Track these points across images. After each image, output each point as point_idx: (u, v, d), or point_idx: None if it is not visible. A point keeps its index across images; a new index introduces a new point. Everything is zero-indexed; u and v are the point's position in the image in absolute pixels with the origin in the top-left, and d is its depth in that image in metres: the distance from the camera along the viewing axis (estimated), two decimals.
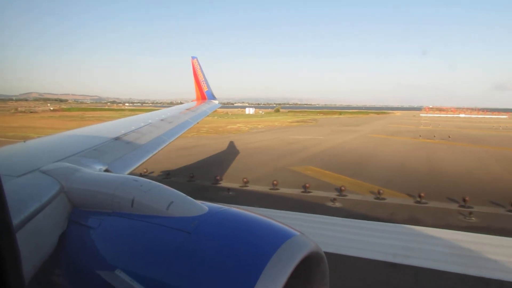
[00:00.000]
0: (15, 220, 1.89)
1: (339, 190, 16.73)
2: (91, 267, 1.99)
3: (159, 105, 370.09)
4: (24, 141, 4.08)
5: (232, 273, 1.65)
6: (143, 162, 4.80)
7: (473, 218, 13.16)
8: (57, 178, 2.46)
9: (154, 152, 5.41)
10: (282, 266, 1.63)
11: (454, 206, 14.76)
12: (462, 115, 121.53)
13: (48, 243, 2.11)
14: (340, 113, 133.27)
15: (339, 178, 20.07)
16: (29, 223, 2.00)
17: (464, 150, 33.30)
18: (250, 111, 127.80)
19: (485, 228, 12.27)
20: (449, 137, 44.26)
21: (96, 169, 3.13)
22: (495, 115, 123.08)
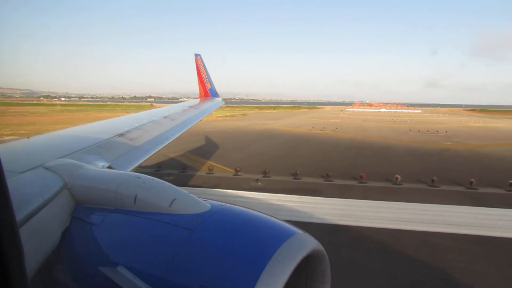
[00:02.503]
0: (19, 216, 1.88)
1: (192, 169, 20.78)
2: (93, 263, 2.00)
3: (99, 99, 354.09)
4: (28, 138, 4.09)
5: (234, 270, 1.67)
6: (146, 159, 4.81)
7: (259, 183, 18.80)
8: (60, 175, 2.47)
9: (157, 150, 5.42)
10: (284, 264, 1.65)
11: (259, 175, 19.99)
12: (383, 110, 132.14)
13: (51, 239, 2.12)
14: (275, 108, 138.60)
15: (202, 162, 24.20)
16: (33, 219, 2.00)
17: (330, 139, 38.34)
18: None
19: (266, 188, 17.62)
20: (336, 128, 50.46)
21: (99, 165, 3.13)
22: (411, 109, 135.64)
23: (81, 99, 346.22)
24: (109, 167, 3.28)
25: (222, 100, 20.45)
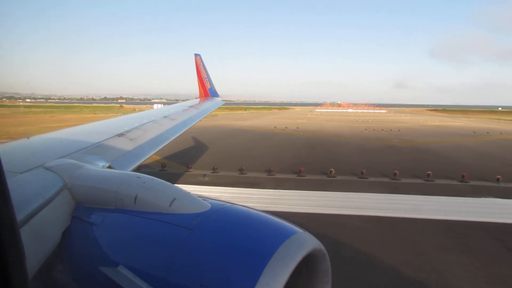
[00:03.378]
0: (19, 216, 1.87)
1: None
2: (94, 263, 2.01)
3: (66, 101, 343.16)
4: (28, 138, 4.09)
5: (234, 270, 1.67)
6: (146, 159, 4.82)
7: (206, 178, 20.38)
8: (60, 175, 2.48)
9: (157, 149, 5.46)
10: (284, 263, 1.65)
11: (208, 171, 21.63)
12: (350, 110, 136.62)
13: (51, 239, 2.12)
14: (245, 109, 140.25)
15: (156, 160, 25.41)
16: (33, 219, 2.01)
17: (288, 138, 40.57)
18: (158, 107, 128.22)
19: (212, 182, 19.18)
20: (297, 128, 52.96)
21: (99, 165, 3.13)
22: (377, 109, 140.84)
23: (48, 100, 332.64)
24: (109, 167, 3.28)
25: (222, 100, 20.53)
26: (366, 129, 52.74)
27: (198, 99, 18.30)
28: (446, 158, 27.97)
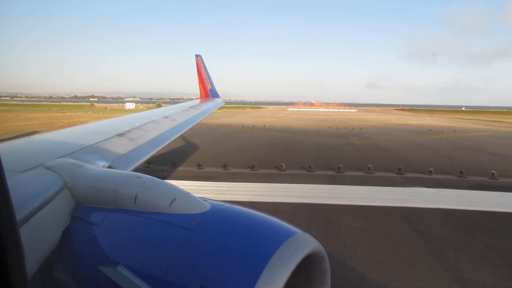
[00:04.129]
0: (19, 215, 1.88)
1: None
2: (93, 263, 2.01)
3: (34, 99, 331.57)
4: (28, 137, 4.08)
5: (234, 270, 1.68)
6: (146, 159, 4.80)
7: (164, 173, 21.08)
8: (60, 174, 2.48)
9: (157, 149, 5.44)
10: (283, 264, 1.65)
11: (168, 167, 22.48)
12: (321, 109, 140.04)
13: (51, 238, 2.13)
14: (219, 108, 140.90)
15: None
16: (33, 218, 2.01)
17: (253, 136, 41.89)
18: (130, 106, 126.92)
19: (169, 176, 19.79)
20: (264, 126, 54.71)
21: (100, 165, 3.13)
22: (348, 109, 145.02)
23: (13, 99, 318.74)
24: (110, 167, 3.27)
25: (223, 100, 20.94)
26: (330, 127, 55.09)
27: (199, 99, 18.68)
28: (394, 154, 30.23)
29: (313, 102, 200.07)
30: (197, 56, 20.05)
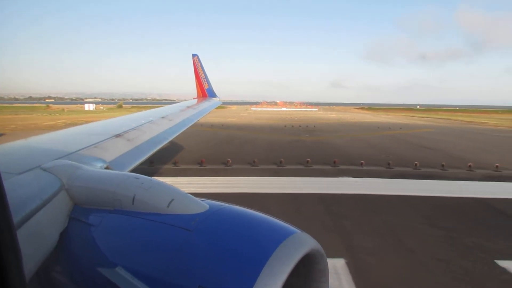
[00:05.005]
0: (16, 218, 1.89)
1: None
2: (92, 265, 2.02)
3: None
4: (25, 139, 4.09)
5: (232, 270, 1.67)
6: (144, 160, 4.80)
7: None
8: (58, 176, 2.47)
9: (155, 150, 5.45)
10: (282, 264, 1.65)
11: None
12: (284, 109, 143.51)
13: (49, 240, 2.13)
14: None
15: None
16: (30, 220, 2.01)
17: (209, 135, 43.24)
18: (90, 107, 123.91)
19: None
20: (222, 125, 56.43)
21: (97, 166, 3.12)
22: (309, 108, 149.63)
23: None
24: (107, 168, 3.25)
25: (220, 100, 21.08)
26: (285, 126, 57.62)
27: (196, 99, 18.69)
28: (337, 149, 32.69)
29: (277, 101, 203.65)
30: (194, 55, 20.01)
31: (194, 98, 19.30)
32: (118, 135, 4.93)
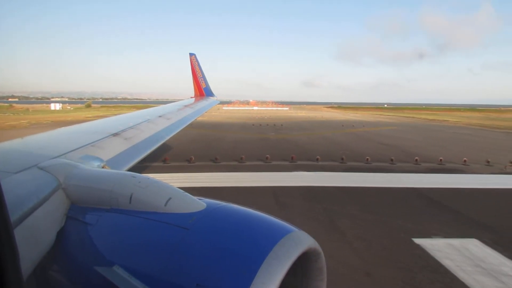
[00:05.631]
0: (13, 217, 1.88)
1: None
2: (89, 263, 2.01)
3: None
4: (22, 138, 4.06)
5: (230, 269, 1.67)
6: (141, 159, 4.77)
7: None
8: (55, 175, 2.46)
9: (152, 149, 5.42)
10: (279, 262, 1.66)
11: None
12: (255, 108, 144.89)
13: (46, 239, 2.12)
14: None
15: None
16: (27, 219, 2.01)
17: (177, 134, 44.26)
18: (56, 106, 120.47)
19: None
20: (192, 125, 56.87)
21: (94, 165, 3.07)
22: (280, 107, 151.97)
23: None
24: (104, 167, 3.21)
25: (217, 99, 21.08)
26: (253, 125, 59.16)
27: (193, 98, 18.58)
28: (298, 147, 34.40)
29: (249, 101, 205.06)
30: (191, 54, 19.91)
31: (191, 97, 19.24)
32: (115, 134, 4.92)
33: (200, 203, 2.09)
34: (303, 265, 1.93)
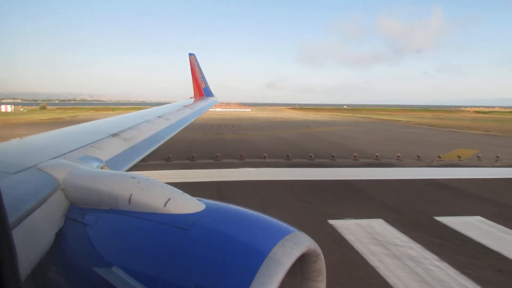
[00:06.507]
0: (12, 217, 1.85)
1: None
2: (88, 264, 2.00)
3: None
4: (21, 138, 4.04)
5: (228, 270, 1.67)
6: (141, 159, 4.76)
7: None
8: (54, 175, 2.42)
9: (152, 149, 5.44)
10: (279, 263, 1.65)
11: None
12: (218, 109, 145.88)
13: (44, 240, 2.10)
14: (113, 109, 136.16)
15: None
16: (26, 220, 1.97)
17: None
18: (7, 108, 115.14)
19: None
20: None
21: (93, 166, 3.03)
22: (243, 108, 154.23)
23: None
24: (103, 167, 3.15)
25: (217, 99, 20.94)
26: (212, 125, 60.83)
27: (193, 98, 18.65)
28: (252, 145, 36.36)
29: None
30: (190, 54, 20.00)
31: (191, 98, 19.26)
32: (114, 135, 4.87)
33: (199, 204, 2.10)
34: (302, 266, 1.94)
